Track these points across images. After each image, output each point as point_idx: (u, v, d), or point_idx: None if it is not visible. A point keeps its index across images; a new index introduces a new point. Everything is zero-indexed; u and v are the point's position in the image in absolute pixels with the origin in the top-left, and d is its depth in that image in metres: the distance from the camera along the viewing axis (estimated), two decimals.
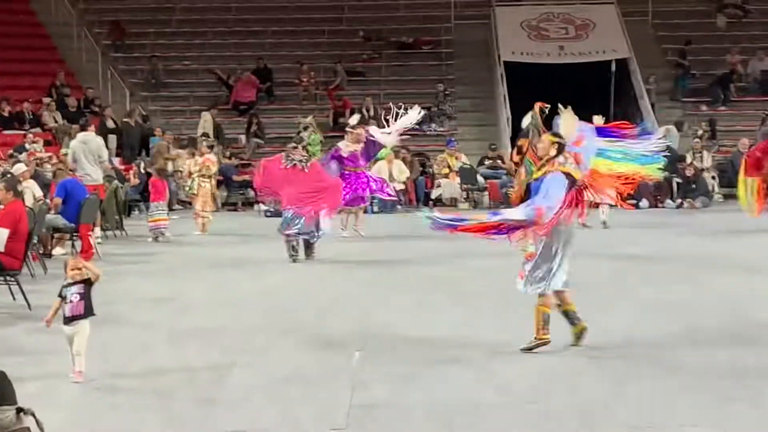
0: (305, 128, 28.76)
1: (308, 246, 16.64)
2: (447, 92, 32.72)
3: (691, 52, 34.19)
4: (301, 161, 16.86)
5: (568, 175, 9.44)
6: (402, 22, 36.59)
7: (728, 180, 28.67)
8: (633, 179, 9.99)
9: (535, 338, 9.33)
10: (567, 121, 9.85)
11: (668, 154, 11.24)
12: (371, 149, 19.56)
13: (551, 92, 30.62)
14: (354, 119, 20.75)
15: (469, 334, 9.93)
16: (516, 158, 10.64)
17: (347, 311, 11.64)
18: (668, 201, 27.06)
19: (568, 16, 34.58)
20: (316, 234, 16.59)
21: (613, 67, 32.48)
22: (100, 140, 20.88)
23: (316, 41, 36.00)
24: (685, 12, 36.60)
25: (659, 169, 10.24)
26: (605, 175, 9.82)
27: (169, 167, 27.07)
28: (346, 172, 18.60)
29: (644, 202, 27.03)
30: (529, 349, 9.28)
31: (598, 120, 22.40)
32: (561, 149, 9.53)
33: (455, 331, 10.04)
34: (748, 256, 16.38)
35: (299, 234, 16.52)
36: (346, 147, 18.97)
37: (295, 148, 17.21)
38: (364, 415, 7.43)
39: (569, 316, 9.56)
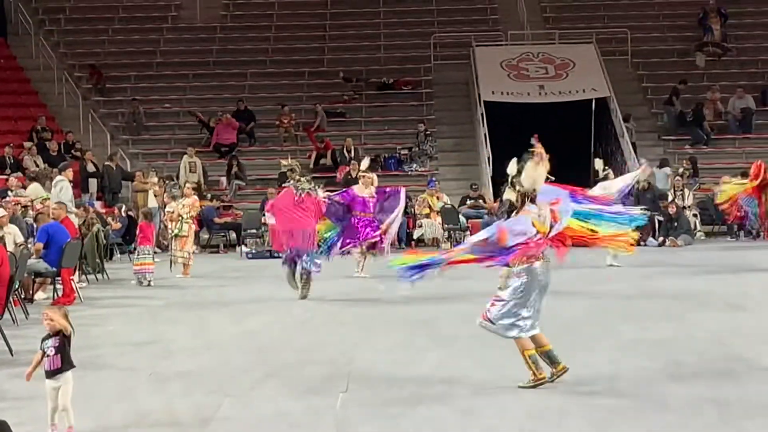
0: (291, 170, 28.74)
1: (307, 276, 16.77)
2: (428, 132, 32.80)
3: (668, 90, 34.34)
4: (311, 189, 16.99)
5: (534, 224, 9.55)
6: (382, 63, 36.74)
7: (710, 218, 28.81)
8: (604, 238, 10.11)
9: (532, 380, 9.38)
10: (529, 171, 9.86)
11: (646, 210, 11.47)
12: (384, 201, 19.44)
13: (532, 131, 30.81)
14: (365, 164, 20.52)
15: (452, 375, 9.90)
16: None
17: (330, 352, 11.61)
18: (650, 239, 27.09)
19: (548, 55, 34.76)
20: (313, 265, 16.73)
21: (594, 107, 32.64)
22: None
23: (296, 83, 36.11)
24: (664, 51, 36.87)
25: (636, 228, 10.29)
26: (577, 231, 9.93)
27: (152, 201, 27.09)
28: (359, 217, 18.63)
29: None
30: (530, 387, 9.34)
31: (599, 164, 22.66)
32: (524, 198, 9.65)
33: (438, 372, 10.02)
34: (729, 292, 16.41)
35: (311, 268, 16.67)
36: (360, 191, 18.97)
37: (299, 181, 17.24)
38: None
39: (549, 356, 9.55)
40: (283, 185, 18.38)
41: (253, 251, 26.39)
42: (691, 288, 17.23)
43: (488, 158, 29.12)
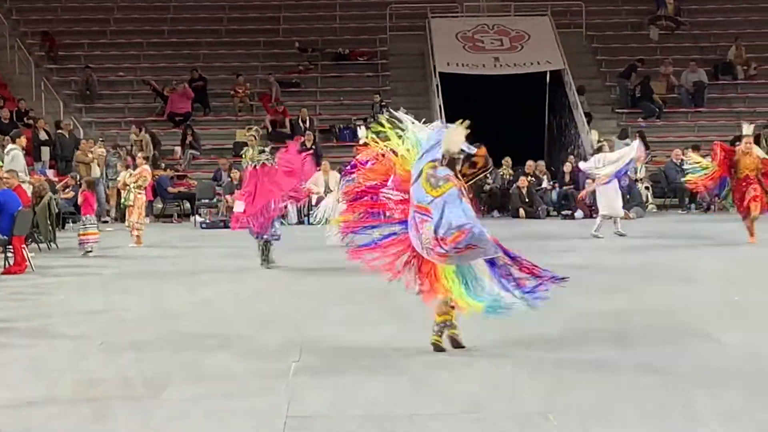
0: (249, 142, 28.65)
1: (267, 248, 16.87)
2: (383, 103, 32.77)
3: (624, 63, 34.52)
4: (268, 159, 16.94)
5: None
6: (338, 34, 36.71)
7: (661, 190, 29.03)
8: None
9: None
10: (450, 134, 9.75)
11: None
12: None
13: (487, 103, 31.10)
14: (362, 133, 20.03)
15: (406, 346, 9.93)
16: None
17: (283, 323, 11.61)
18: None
19: (503, 27, 34.84)
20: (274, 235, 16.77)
21: (548, 79, 32.75)
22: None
23: (251, 52, 36.01)
24: (618, 24, 37.04)
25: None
26: None
27: (95, 171, 26.99)
28: None
29: (579, 213, 27.23)
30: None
31: (595, 135, 22.72)
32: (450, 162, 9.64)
33: (392, 343, 10.05)
34: (680, 265, 16.55)
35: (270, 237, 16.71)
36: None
37: (262, 151, 17.22)
38: (301, 427, 7.42)
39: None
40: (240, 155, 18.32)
41: (207, 221, 26.36)
42: (642, 260, 17.35)
43: None
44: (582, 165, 22.94)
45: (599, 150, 22.26)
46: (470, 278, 9.48)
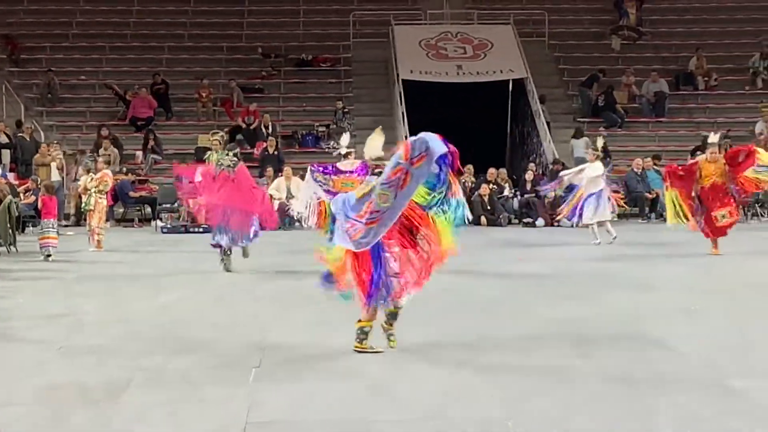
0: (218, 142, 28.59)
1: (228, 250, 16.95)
2: (346, 110, 32.85)
3: (586, 73, 34.70)
4: (229, 166, 16.92)
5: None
6: (301, 40, 36.73)
7: (622, 199, 29.16)
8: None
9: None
10: (369, 140, 10.02)
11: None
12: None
13: (450, 111, 31.19)
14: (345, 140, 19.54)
15: (365, 352, 9.93)
16: None
17: (244, 328, 11.58)
18: (564, 220, 27.33)
19: (466, 35, 34.97)
20: (244, 240, 16.83)
21: (510, 87, 32.88)
22: None
23: (214, 57, 35.97)
24: (580, 33, 37.23)
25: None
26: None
27: (54, 174, 26.87)
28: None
29: (540, 221, 27.34)
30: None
31: (600, 142, 22.77)
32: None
33: (352, 349, 10.04)
34: (640, 273, 16.63)
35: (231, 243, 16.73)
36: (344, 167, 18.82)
37: (227, 154, 17.23)
38: None
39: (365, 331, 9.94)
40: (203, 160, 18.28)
41: (168, 226, 26.30)
42: (603, 268, 17.43)
43: (406, 136, 29.15)
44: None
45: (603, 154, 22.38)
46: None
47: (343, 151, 16.40)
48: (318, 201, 16.55)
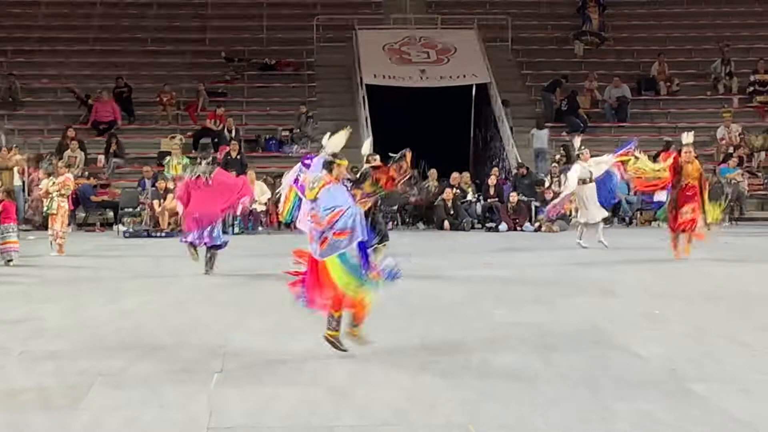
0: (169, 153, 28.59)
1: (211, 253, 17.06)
2: (309, 114, 32.80)
3: (549, 77, 34.81)
4: (204, 173, 16.95)
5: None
6: (264, 44, 36.68)
7: None
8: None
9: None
10: (336, 137, 10.19)
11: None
12: None
13: (413, 115, 31.20)
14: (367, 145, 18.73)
15: (326, 356, 9.92)
16: None
17: (205, 333, 11.54)
18: (527, 224, 27.44)
19: (430, 40, 35.01)
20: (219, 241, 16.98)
21: (474, 92, 32.93)
22: None
23: (177, 61, 35.83)
24: (543, 39, 37.36)
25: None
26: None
27: (16, 179, 26.73)
28: None
29: (503, 226, 27.40)
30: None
31: (577, 141, 22.65)
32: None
33: (313, 353, 10.03)
34: (602, 278, 16.68)
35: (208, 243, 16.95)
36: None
37: (200, 163, 17.30)
38: None
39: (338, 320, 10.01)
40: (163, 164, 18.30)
41: (131, 230, 26.19)
42: (565, 272, 17.48)
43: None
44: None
45: (578, 157, 22.26)
46: (352, 268, 9.71)
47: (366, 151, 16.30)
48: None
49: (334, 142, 10.14)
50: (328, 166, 9.93)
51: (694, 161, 19.28)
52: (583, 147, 22.42)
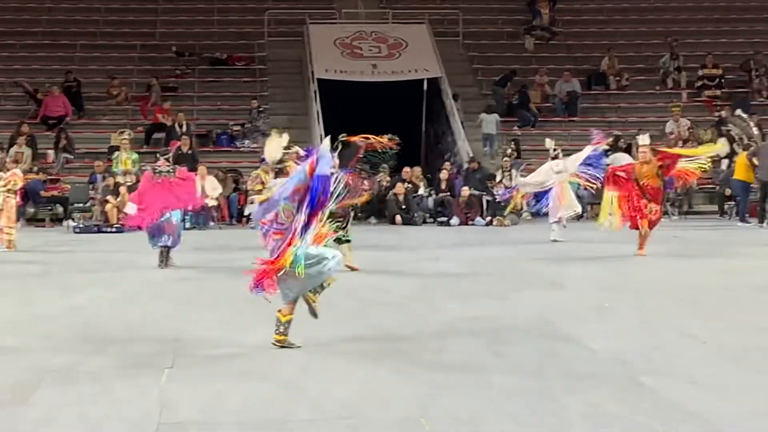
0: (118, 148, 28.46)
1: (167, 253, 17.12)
2: (261, 109, 32.72)
3: (500, 72, 34.91)
4: (168, 172, 16.95)
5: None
6: (215, 38, 36.53)
7: (536, 198, 29.34)
8: None
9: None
10: (267, 144, 10.31)
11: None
12: None
13: (365, 110, 31.21)
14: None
15: (279, 352, 9.91)
16: None
17: (156, 328, 11.50)
18: (478, 218, 27.52)
19: (381, 35, 35.00)
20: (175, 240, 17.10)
21: (425, 86, 32.95)
22: None
23: (127, 56, 35.63)
24: (494, 33, 37.44)
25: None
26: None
27: None
28: None
29: (455, 220, 27.46)
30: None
31: (549, 143, 22.52)
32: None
33: (265, 347, 10.01)
34: (552, 271, 16.77)
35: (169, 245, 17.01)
36: None
37: (158, 161, 17.33)
38: None
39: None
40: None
41: (81, 225, 26.03)
42: (517, 267, 17.55)
43: (321, 136, 29.15)
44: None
45: (555, 157, 22.15)
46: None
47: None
48: None
49: (271, 152, 10.21)
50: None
51: (651, 161, 18.98)
52: (556, 148, 22.32)
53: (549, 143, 22.70)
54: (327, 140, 10.17)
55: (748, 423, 7.52)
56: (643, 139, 19.40)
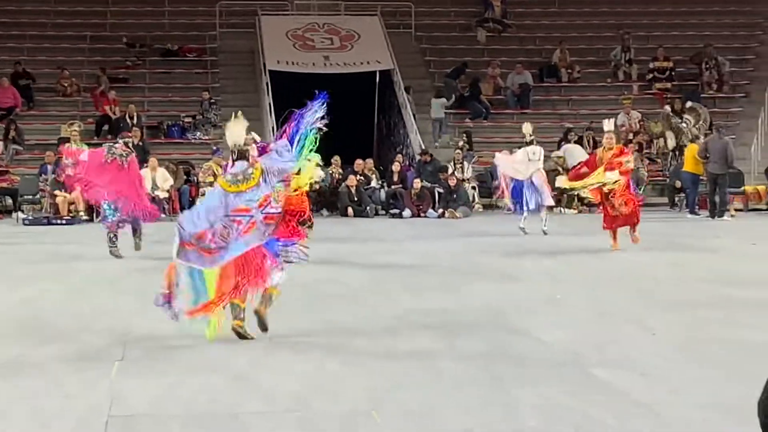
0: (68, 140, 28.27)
1: (135, 231, 17.32)
2: (212, 100, 32.59)
3: (452, 64, 34.96)
4: (121, 155, 16.85)
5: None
6: (167, 29, 36.33)
7: (487, 190, 29.43)
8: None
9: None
10: (228, 127, 10.31)
11: None
12: None
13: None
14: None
15: (229, 343, 9.87)
16: None
17: (107, 321, 11.41)
18: (430, 210, 27.54)
19: (333, 27, 34.95)
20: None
21: (378, 79, 32.95)
22: None
23: (78, 46, 35.35)
24: (446, 25, 37.45)
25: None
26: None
27: None
28: None
29: (407, 212, 27.47)
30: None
31: (527, 128, 22.22)
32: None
33: (217, 341, 9.96)
34: (504, 264, 16.80)
35: (122, 222, 16.86)
36: None
37: (116, 143, 17.28)
38: (123, 427, 7.29)
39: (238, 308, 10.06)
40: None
41: (30, 217, 25.82)
42: (469, 259, 17.57)
43: (273, 128, 29.05)
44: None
45: (530, 143, 21.91)
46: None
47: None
48: None
49: (234, 134, 10.14)
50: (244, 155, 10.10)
51: (615, 147, 18.81)
52: (532, 134, 22.06)
53: (526, 128, 22.47)
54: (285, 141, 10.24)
55: (696, 414, 7.56)
56: (608, 125, 19.27)
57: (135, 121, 30.91)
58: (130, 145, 17.65)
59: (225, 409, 7.74)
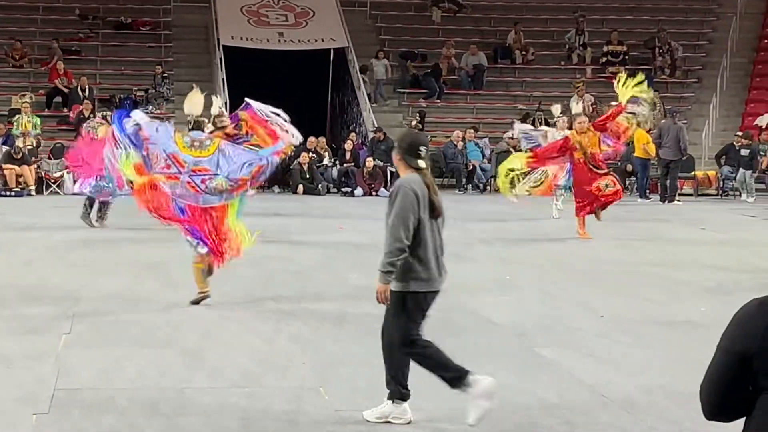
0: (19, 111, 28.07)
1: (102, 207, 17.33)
2: (165, 75, 32.37)
3: (407, 44, 34.94)
4: (95, 128, 16.80)
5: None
6: (120, 2, 35.96)
7: (440, 170, 29.46)
8: None
9: (199, 292, 10.28)
10: (188, 97, 10.44)
11: None
12: None
13: (271, 78, 31.00)
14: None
15: (178, 318, 9.86)
16: None
17: (55, 293, 11.37)
18: (382, 189, 27.54)
19: (288, 3, 34.78)
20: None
21: (332, 56, 32.89)
22: None
23: (30, 17, 34.97)
24: (402, 4, 37.37)
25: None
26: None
27: None
28: None
29: (359, 191, 27.47)
30: (196, 302, 10.26)
31: (556, 110, 21.91)
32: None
33: (164, 315, 9.96)
34: (456, 243, 16.82)
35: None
36: None
37: (95, 118, 17.32)
38: (69, 399, 7.29)
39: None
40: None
41: None
42: None
43: (225, 103, 28.95)
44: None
45: (554, 124, 21.60)
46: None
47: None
48: None
49: (193, 104, 10.21)
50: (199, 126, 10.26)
51: (588, 131, 18.30)
52: (561, 115, 21.58)
53: (555, 110, 22.12)
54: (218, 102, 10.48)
55: (640, 395, 7.64)
56: (577, 108, 18.84)
57: (87, 93, 30.67)
58: (108, 118, 17.54)
59: (172, 383, 7.74)
